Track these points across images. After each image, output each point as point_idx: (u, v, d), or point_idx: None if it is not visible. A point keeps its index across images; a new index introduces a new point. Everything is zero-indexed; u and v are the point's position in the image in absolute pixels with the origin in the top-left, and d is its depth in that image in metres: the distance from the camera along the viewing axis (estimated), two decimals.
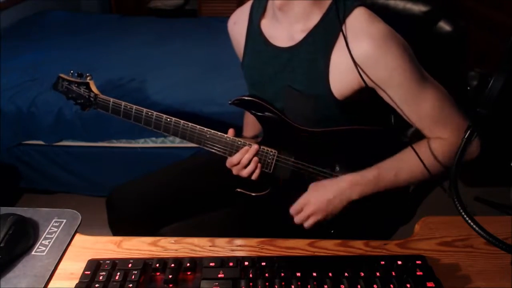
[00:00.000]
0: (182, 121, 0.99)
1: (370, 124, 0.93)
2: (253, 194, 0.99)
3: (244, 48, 1.02)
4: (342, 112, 0.90)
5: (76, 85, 1.12)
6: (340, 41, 0.83)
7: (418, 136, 0.89)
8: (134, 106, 1.03)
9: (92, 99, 1.09)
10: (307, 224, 0.91)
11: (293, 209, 0.93)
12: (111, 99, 1.06)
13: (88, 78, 1.11)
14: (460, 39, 0.97)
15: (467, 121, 0.81)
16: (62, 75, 1.15)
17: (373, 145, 0.94)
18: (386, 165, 0.88)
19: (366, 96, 0.87)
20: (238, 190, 1.00)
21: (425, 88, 0.83)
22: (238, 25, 1.04)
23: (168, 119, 1.00)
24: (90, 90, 1.10)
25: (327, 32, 0.86)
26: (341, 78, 0.85)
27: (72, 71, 1.14)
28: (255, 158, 0.95)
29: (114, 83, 1.93)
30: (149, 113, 1.01)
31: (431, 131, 0.85)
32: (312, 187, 0.92)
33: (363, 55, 0.81)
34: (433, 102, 0.83)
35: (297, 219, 0.92)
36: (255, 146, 0.95)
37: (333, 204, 0.89)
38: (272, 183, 0.98)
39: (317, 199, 0.90)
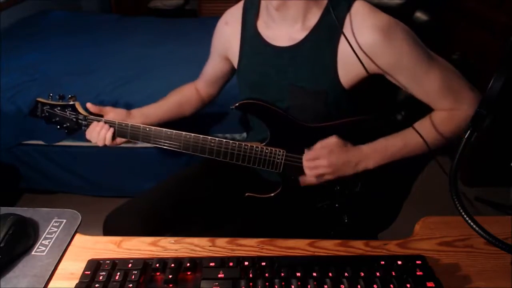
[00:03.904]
0: (192, 134, 0.97)
1: (375, 112, 0.94)
2: (272, 194, 0.97)
3: (239, 52, 1.01)
4: (349, 102, 0.93)
5: (59, 108, 1.03)
6: (346, 34, 0.85)
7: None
8: (130, 124, 1.00)
9: (80, 121, 1.02)
10: (312, 176, 0.92)
11: (308, 155, 0.92)
12: (103, 119, 1.01)
13: (71, 100, 1.03)
14: (437, 26, 1.00)
15: (476, 92, 0.85)
16: (40, 99, 1.04)
17: (379, 133, 0.94)
18: (394, 136, 0.91)
19: (372, 82, 0.90)
20: (248, 194, 0.99)
21: (432, 67, 0.85)
22: (230, 26, 1.03)
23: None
24: (78, 112, 1.02)
25: (330, 28, 0.87)
26: (349, 68, 0.88)
27: (51, 94, 1.04)
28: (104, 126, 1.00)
29: (113, 83, 1.93)
30: (147, 129, 0.99)
31: (441, 104, 0.88)
32: (337, 143, 0.90)
33: (371, 45, 0.84)
34: (441, 79, 0.85)
35: (308, 165, 0.91)
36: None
37: (348, 167, 0.90)
38: (282, 182, 0.98)
39: (337, 156, 0.90)
